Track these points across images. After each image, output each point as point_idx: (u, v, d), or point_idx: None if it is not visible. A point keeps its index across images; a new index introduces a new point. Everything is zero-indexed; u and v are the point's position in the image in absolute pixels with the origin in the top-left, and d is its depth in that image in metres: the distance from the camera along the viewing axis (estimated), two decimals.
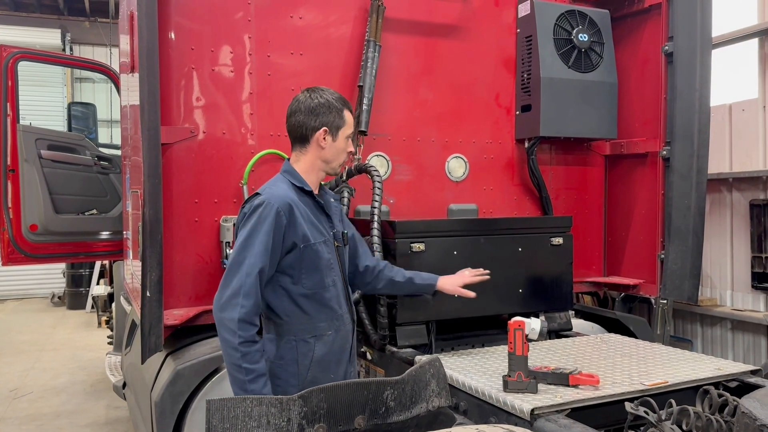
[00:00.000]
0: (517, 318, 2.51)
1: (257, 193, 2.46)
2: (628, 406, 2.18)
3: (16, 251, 5.54)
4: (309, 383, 2.25)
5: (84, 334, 9.31)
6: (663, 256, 4.04)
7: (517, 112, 4.21)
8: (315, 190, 2.57)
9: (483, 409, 2.48)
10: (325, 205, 2.61)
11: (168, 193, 3.32)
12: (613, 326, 4.04)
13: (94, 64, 6.83)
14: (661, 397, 2.35)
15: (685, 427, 2.11)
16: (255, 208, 2.39)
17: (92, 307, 10.56)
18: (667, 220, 3.98)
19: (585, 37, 4.07)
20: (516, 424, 2.22)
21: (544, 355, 3.00)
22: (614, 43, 4.22)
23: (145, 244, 3.06)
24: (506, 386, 2.42)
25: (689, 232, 3.89)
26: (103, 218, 5.80)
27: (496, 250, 3.45)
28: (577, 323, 3.96)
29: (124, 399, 4.84)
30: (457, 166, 4.07)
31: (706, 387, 2.40)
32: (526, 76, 4.11)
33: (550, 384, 2.48)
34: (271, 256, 2.36)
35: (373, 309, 3.28)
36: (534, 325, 2.91)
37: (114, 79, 6.11)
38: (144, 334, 3.05)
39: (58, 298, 12.18)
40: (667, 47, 4.02)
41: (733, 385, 2.63)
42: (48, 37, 12.03)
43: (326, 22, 3.75)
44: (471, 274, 3.02)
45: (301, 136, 2.54)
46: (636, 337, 3.76)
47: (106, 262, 9.78)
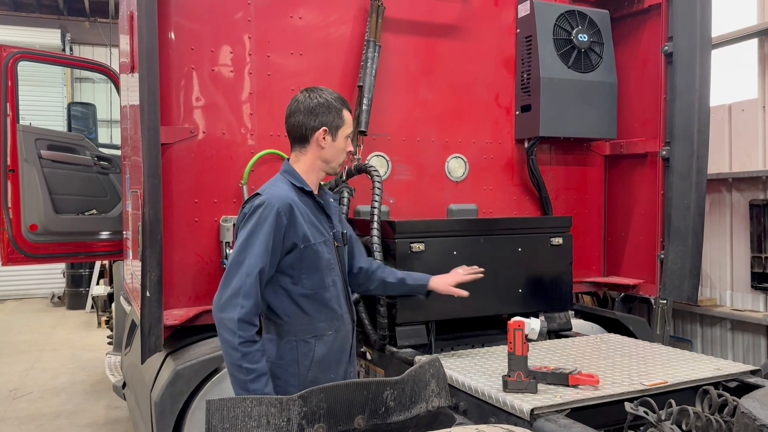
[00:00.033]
0: (517, 318, 2.51)
1: (257, 194, 2.45)
2: (628, 406, 2.19)
3: (16, 251, 5.54)
4: (309, 383, 2.25)
5: (84, 334, 9.31)
6: (663, 256, 4.04)
7: (517, 112, 4.21)
8: (315, 190, 2.57)
9: (483, 409, 2.48)
10: (325, 205, 2.61)
11: (168, 193, 3.32)
12: (613, 326, 4.04)
13: (93, 64, 6.83)
14: (661, 397, 2.36)
15: (684, 427, 2.11)
16: (255, 209, 2.39)
17: (92, 307, 10.56)
18: (667, 220, 3.98)
19: (585, 38, 4.07)
20: (516, 424, 2.23)
21: (544, 355, 3.00)
22: (614, 44, 4.23)
23: (144, 244, 3.06)
24: (506, 386, 2.42)
25: (689, 232, 3.89)
26: (102, 218, 5.80)
27: (496, 250, 3.46)
28: (577, 323, 3.96)
29: (124, 399, 4.84)
30: (456, 166, 4.07)
31: (705, 387, 2.40)
32: (525, 76, 4.11)
33: (549, 384, 2.48)
34: (271, 257, 2.36)
35: (373, 309, 3.28)
36: (534, 325, 2.91)
37: (114, 79, 6.11)
38: (144, 334, 3.05)
39: (58, 298, 12.18)
40: (666, 47, 4.02)
41: (732, 385, 2.63)
42: (48, 37, 12.04)
43: (326, 22, 3.76)
44: (464, 272, 2.97)
45: (301, 137, 2.54)
46: (636, 337, 3.76)
47: (106, 262, 9.78)
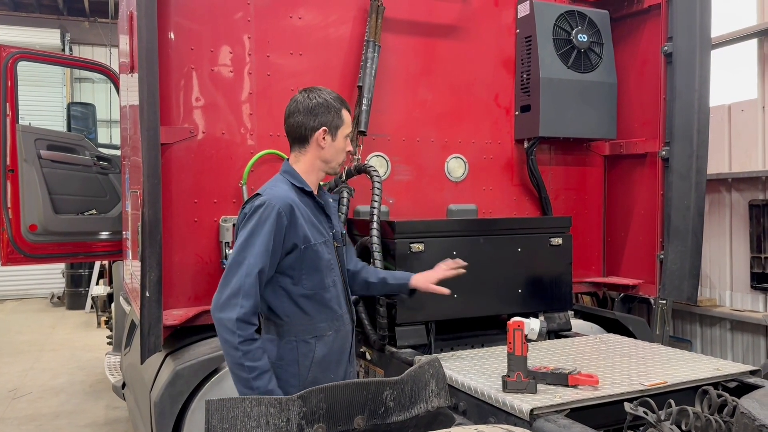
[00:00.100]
0: (517, 318, 2.52)
1: (258, 194, 2.45)
2: (628, 406, 2.18)
3: (16, 251, 5.54)
4: (309, 384, 2.24)
5: (83, 335, 9.31)
6: (662, 257, 4.04)
7: (517, 113, 4.21)
8: (314, 190, 2.57)
9: (482, 410, 2.48)
10: (325, 205, 2.62)
11: (167, 194, 3.32)
12: (613, 326, 4.04)
13: (93, 65, 6.84)
14: (661, 397, 2.36)
15: (684, 428, 2.11)
16: (256, 209, 2.38)
17: (92, 308, 10.57)
18: (667, 221, 3.98)
19: (584, 38, 4.07)
20: (515, 425, 2.23)
21: (544, 356, 3.00)
22: (614, 44, 4.23)
23: (144, 245, 3.06)
24: (505, 386, 2.42)
25: (688, 232, 3.89)
26: (102, 218, 5.80)
27: (496, 251, 3.46)
28: (577, 323, 3.96)
29: (124, 399, 4.84)
30: (456, 167, 4.07)
31: (705, 387, 2.40)
32: (525, 76, 4.11)
33: (549, 384, 2.48)
34: (271, 257, 2.35)
35: (373, 309, 3.28)
36: (533, 325, 2.91)
37: (113, 79, 6.11)
38: (143, 334, 3.05)
39: (58, 298, 12.17)
40: (666, 48, 4.02)
41: (732, 385, 2.63)
42: (47, 37, 12.04)
43: (326, 23, 3.75)
44: (446, 267, 2.91)
45: (301, 137, 2.54)
46: (635, 338, 3.76)
47: (106, 263, 9.78)
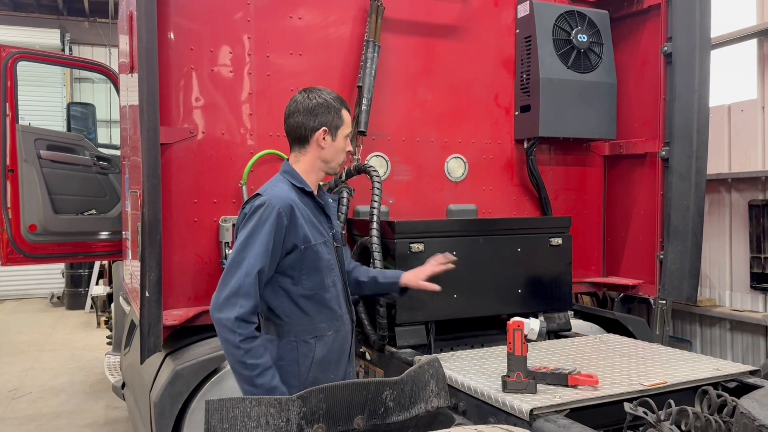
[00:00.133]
0: (516, 318, 2.52)
1: (258, 194, 2.45)
2: (627, 406, 2.18)
3: (15, 251, 5.54)
4: (309, 384, 2.24)
5: (83, 335, 9.30)
6: (662, 257, 4.04)
7: (517, 113, 4.21)
8: (314, 190, 2.57)
9: (482, 410, 2.48)
10: (325, 205, 2.61)
11: (167, 194, 3.32)
12: (612, 326, 4.04)
13: (93, 65, 6.84)
14: (660, 397, 2.36)
15: (684, 428, 2.11)
16: (256, 209, 2.38)
17: (91, 308, 10.56)
18: (666, 221, 3.98)
19: (584, 38, 4.07)
20: (515, 425, 2.23)
21: (543, 356, 3.00)
22: (613, 44, 4.23)
23: (144, 245, 3.06)
24: (505, 386, 2.42)
25: (688, 232, 3.89)
26: (102, 218, 5.80)
27: (496, 251, 3.46)
28: (576, 323, 3.96)
29: (123, 399, 4.83)
30: (456, 167, 4.07)
31: (705, 387, 2.40)
32: (525, 76, 4.11)
33: (549, 384, 2.48)
34: (271, 257, 2.35)
35: (373, 309, 3.28)
36: (533, 325, 2.91)
37: (113, 79, 6.11)
38: (143, 334, 3.05)
39: (57, 298, 12.17)
40: (666, 48, 4.02)
41: (732, 385, 2.63)
42: (47, 37, 12.03)
43: (326, 23, 3.75)
44: (436, 262, 2.91)
45: (301, 137, 2.54)
46: (635, 338, 3.76)
47: (105, 263, 9.77)
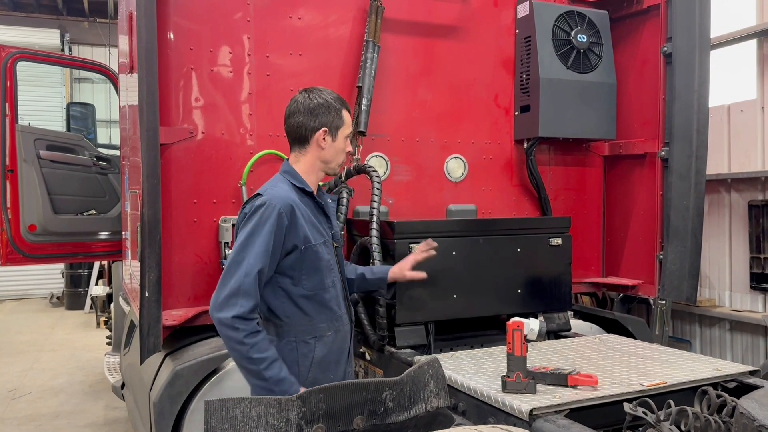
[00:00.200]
0: (516, 318, 2.52)
1: (258, 194, 2.44)
2: (627, 406, 2.19)
3: (15, 251, 5.54)
4: (309, 384, 2.25)
5: (83, 335, 9.30)
6: (662, 257, 4.04)
7: (516, 113, 4.21)
8: (314, 190, 2.57)
9: (482, 410, 2.48)
10: (325, 205, 2.62)
11: (167, 194, 3.32)
12: (612, 327, 4.04)
13: (92, 65, 6.84)
14: (660, 397, 2.36)
15: (683, 428, 2.11)
16: (256, 209, 2.38)
17: (91, 308, 10.56)
18: (666, 221, 3.98)
19: (584, 38, 4.07)
20: (514, 425, 2.23)
21: (543, 356, 3.00)
22: (613, 44, 4.23)
23: (143, 245, 3.06)
24: (505, 387, 2.42)
25: (688, 232, 3.89)
26: (101, 219, 5.79)
27: (495, 251, 3.46)
28: (576, 324, 3.96)
29: (123, 399, 4.83)
30: (456, 167, 4.07)
31: (704, 387, 2.40)
32: (524, 76, 4.11)
33: (548, 384, 2.48)
34: (271, 258, 2.35)
35: (372, 310, 3.28)
36: (533, 325, 2.91)
37: (113, 79, 6.10)
38: (143, 334, 3.05)
39: (57, 298, 12.17)
40: (665, 48, 4.02)
41: (731, 385, 2.63)
42: (47, 38, 12.04)
43: (325, 23, 3.75)
44: (419, 250, 2.99)
45: (301, 137, 2.54)
46: (635, 338, 3.76)
47: (105, 263, 9.77)
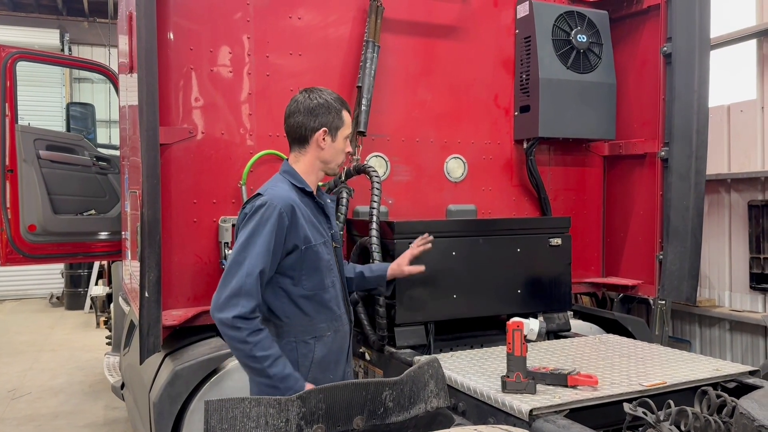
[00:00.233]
0: (516, 319, 2.52)
1: (259, 194, 2.44)
2: (627, 406, 2.19)
3: (15, 251, 5.54)
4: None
5: (82, 335, 9.30)
6: (661, 257, 4.04)
7: (516, 113, 4.21)
8: (314, 190, 2.57)
9: (481, 410, 2.48)
10: (325, 206, 2.62)
11: (166, 194, 3.32)
12: (612, 327, 4.04)
13: (92, 65, 6.84)
14: (660, 397, 2.36)
15: (683, 428, 2.11)
16: (257, 209, 2.37)
17: (91, 308, 10.56)
18: (666, 221, 3.98)
19: (584, 38, 4.07)
20: (514, 425, 2.23)
21: (543, 356, 3.00)
22: (613, 44, 4.23)
23: (143, 245, 3.06)
24: (505, 387, 2.42)
25: (688, 232, 3.89)
26: (101, 219, 5.79)
27: (495, 251, 3.46)
28: (576, 324, 3.96)
29: (123, 399, 4.83)
30: (455, 167, 4.07)
31: (704, 388, 2.40)
32: (524, 76, 4.11)
33: (548, 385, 2.48)
34: (272, 258, 2.34)
35: (372, 310, 3.28)
36: (532, 325, 2.91)
37: (113, 79, 6.11)
38: (142, 334, 3.05)
39: (57, 298, 12.16)
40: (665, 48, 4.02)
41: (731, 385, 2.63)
42: (46, 38, 12.04)
43: (325, 23, 3.75)
44: (415, 245, 3.03)
45: (300, 137, 2.54)
46: (634, 338, 3.76)
47: (105, 263, 9.77)
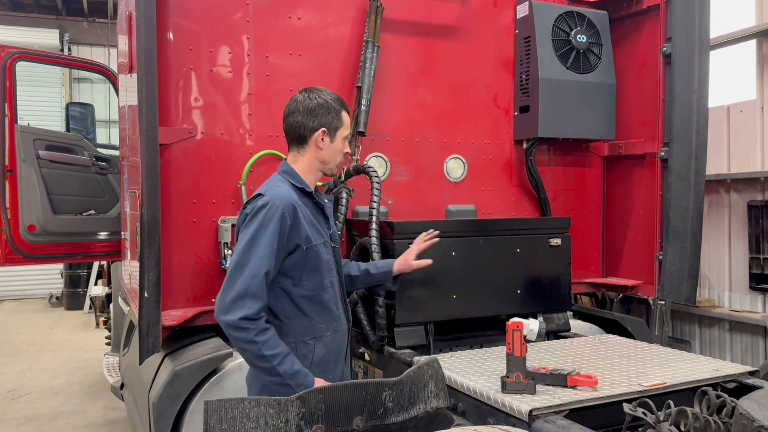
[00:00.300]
0: (516, 319, 2.52)
1: (260, 194, 2.43)
2: (627, 407, 2.18)
3: (14, 252, 5.54)
4: None
5: (82, 335, 9.30)
6: (661, 257, 4.03)
7: (516, 113, 4.21)
8: (312, 191, 2.57)
9: (481, 410, 2.48)
10: (324, 206, 2.61)
11: (166, 194, 3.31)
12: (611, 327, 4.04)
13: (92, 65, 6.84)
14: (659, 398, 2.35)
15: (683, 428, 2.11)
16: (259, 209, 2.36)
17: (90, 308, 10.56)
18: (665, 221, 3.98)
19: (583, 38, 4.07)
20: (514, 425, 2.22)
21: (543, 356, 3.00)
22: (612, 45, 4.22)
23: (143, 245, 3.05)
24: (504, 387, 2.42)
25: (687, 233, 3.89)
26: (101, 219, 5.79)
27: (495, 251, 3.46)
28: (576, 324, 3.95)
29: (122, 400, 4.83)
30: (455, 167, 4.07)
31: (704, 388, 2.40)
32: (524, 77, 4.11)
33: (548, 385, 2.48)
34: (275, 259, 2.34)
35: (372, 310, 3.28)
36: (532, 326, 2.91)
37: (112, 79, 6.10)
38: (142, 334, 3.05)
39: (56, 298, 12.16)
40: (665, 48, 4.02)
41: (731, 386, 2.63)
42: (46, 38, 12.04)
43: (325, 23, 3.75)
44: (421, 240, 3.02)
45: (299, 137, 2.54)
46: (634, 338, 3.75)
47: (104, 263, 9.77)
